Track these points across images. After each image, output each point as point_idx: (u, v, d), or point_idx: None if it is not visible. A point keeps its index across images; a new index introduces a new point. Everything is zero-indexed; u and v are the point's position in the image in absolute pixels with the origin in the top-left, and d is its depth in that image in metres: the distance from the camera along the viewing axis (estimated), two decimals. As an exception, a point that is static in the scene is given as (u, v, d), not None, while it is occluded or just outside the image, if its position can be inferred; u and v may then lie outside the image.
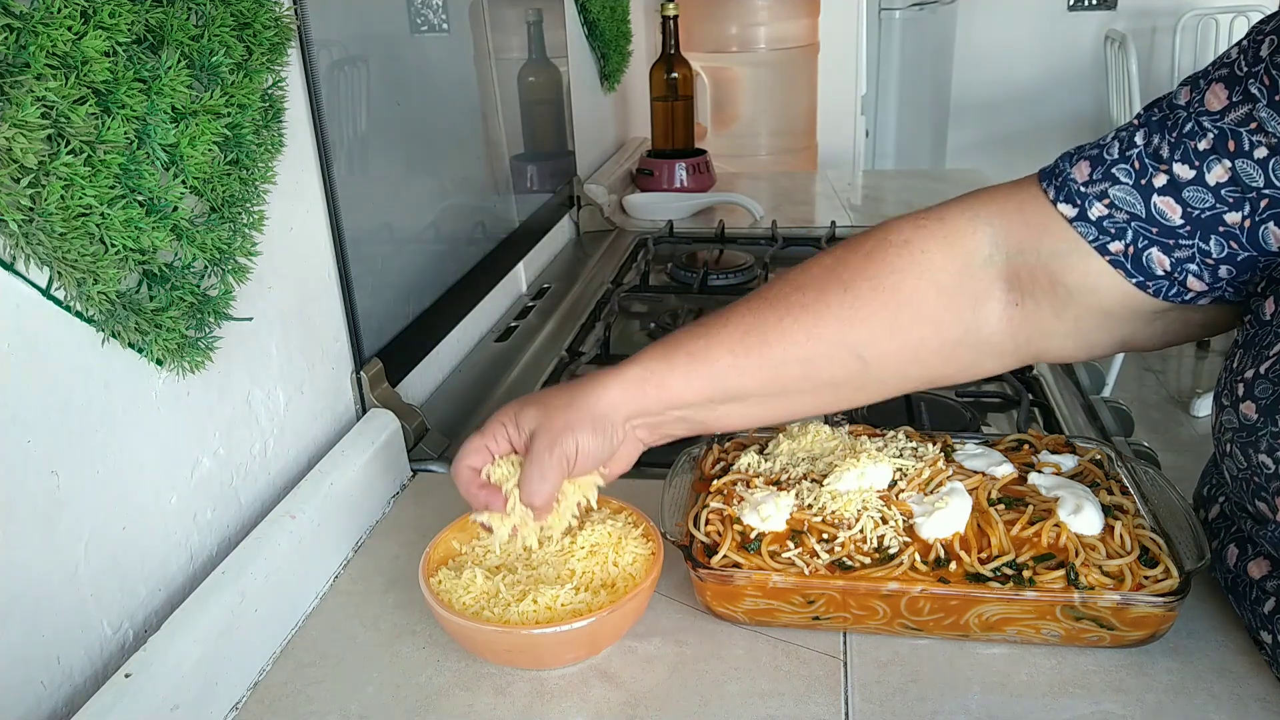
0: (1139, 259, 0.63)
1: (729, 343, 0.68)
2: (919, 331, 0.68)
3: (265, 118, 0.73)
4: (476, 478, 0.70)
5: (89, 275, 0.57)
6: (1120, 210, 0.63)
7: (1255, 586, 0.64)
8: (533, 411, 0.69)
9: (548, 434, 0.67)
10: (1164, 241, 0.62)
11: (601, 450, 0.68)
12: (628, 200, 1.80)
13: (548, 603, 0.66)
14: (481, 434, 0.70)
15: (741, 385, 0.69)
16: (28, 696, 0.57)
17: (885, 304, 0.67)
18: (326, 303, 0.90)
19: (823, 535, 0.68)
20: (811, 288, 0.68)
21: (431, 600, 0.66)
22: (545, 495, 0.67)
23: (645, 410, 0.70)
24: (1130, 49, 3.04)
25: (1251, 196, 0.59)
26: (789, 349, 0.68)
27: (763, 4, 2.33)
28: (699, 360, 0.69)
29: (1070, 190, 0.65)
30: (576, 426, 0.67)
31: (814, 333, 0.67)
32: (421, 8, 1.09)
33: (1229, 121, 0.59)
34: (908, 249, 0.67)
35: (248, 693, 0.67)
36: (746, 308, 0.70)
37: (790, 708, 0.63)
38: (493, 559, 0.71)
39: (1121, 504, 0.69)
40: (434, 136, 1.12)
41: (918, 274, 0.67)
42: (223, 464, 0.75)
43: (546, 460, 0.67)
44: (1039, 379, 1.06)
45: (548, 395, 0.70)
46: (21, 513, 0.56)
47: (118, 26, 0.57)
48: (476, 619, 0.65)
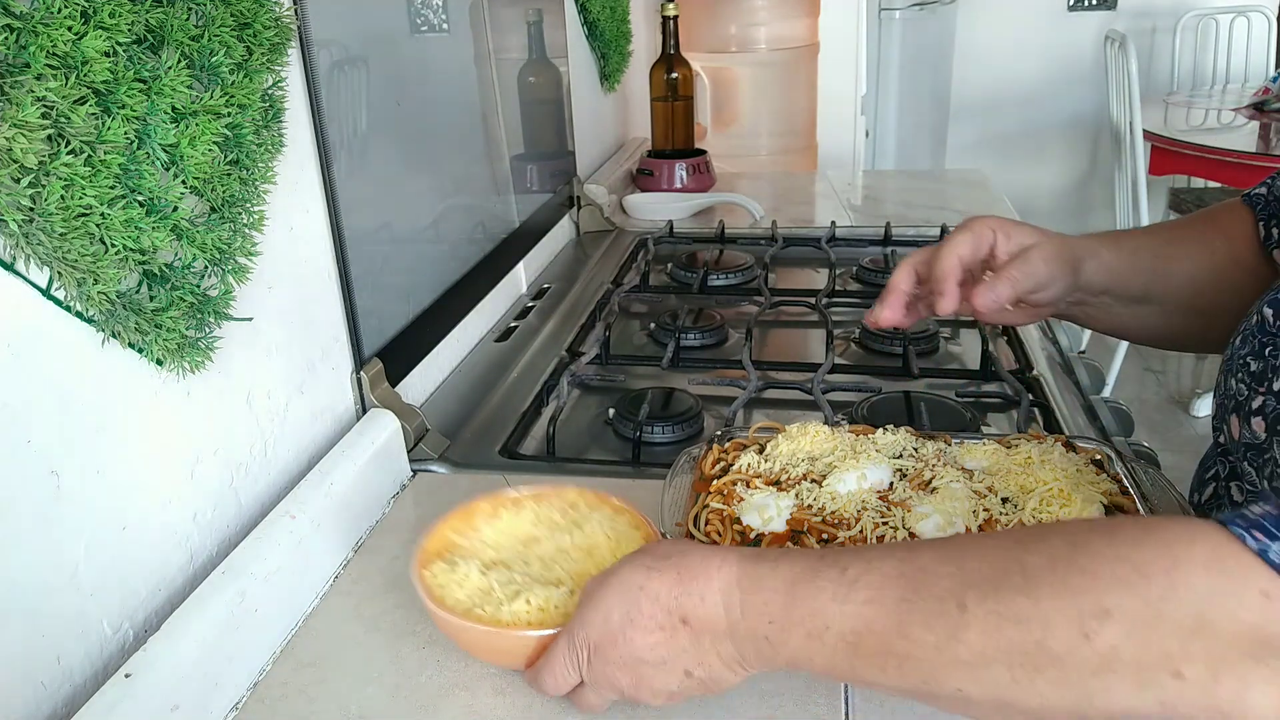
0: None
1: (1155, 248, 0.78)
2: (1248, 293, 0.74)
3: (265, 118, 0.73)
4: (960, 270, 0.77)
5: (89, 275, 0.57)
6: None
7: None
8: (1027, 232, 0.77)
9: (1043, 253, 0.74)
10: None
11: (1061, 290, 0.76)
12: (628, 200, 1.79)
13: (540, 604, 0.64)
14: (967, 229, 0.77)
15: (1161, 289, 0.78)
16: (28, 696, 0.57)
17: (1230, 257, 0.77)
18: (326, 303, 0.90)
19: (823, 535, 0.68)
20: (1198, 222, 0.80)
21: (423, 594, 0.65)
22: (1008, 295, 0.75)
23: (1095, 286, 0.77)
24: (1130, 49, 3.04)
25: None
26: (1196, 267, 0.77)
27: (763, 4, 2.33)
28: (1138, 255, 0.78)
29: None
30: (1064, 266, 0.75)
31: (1208, 263, 0.77)
32: (421, 8, 1.09)
33: None
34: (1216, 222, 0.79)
35: (248, 693, 0.67)
36: (1153, 228, 0.85)
37: (790, 708, 0.63)
38: (490, 554, 0.70)
39: (1121, 504, 0.69)
40: (434, 136, 1.12)
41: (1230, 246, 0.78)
42: (223, 464, 0.75)
43: (1038, 269, 0.74)
44: (1039, 379, 1.06)
45: (1030, 227, 0.78)
46: (21, 513, 0.56)
47: (118, 26, 0.57)
48: (468, 617, 0.63)
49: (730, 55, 2.34)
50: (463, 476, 0.93)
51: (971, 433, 0.86)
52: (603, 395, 1.10)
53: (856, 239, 1.58)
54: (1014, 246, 0.76)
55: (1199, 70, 4.02)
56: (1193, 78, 4.02)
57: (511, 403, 1.08)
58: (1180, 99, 3.69)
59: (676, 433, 0.99)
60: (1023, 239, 0.76)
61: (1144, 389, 3.26)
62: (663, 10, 1.80)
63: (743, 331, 1.18)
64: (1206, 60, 4.01)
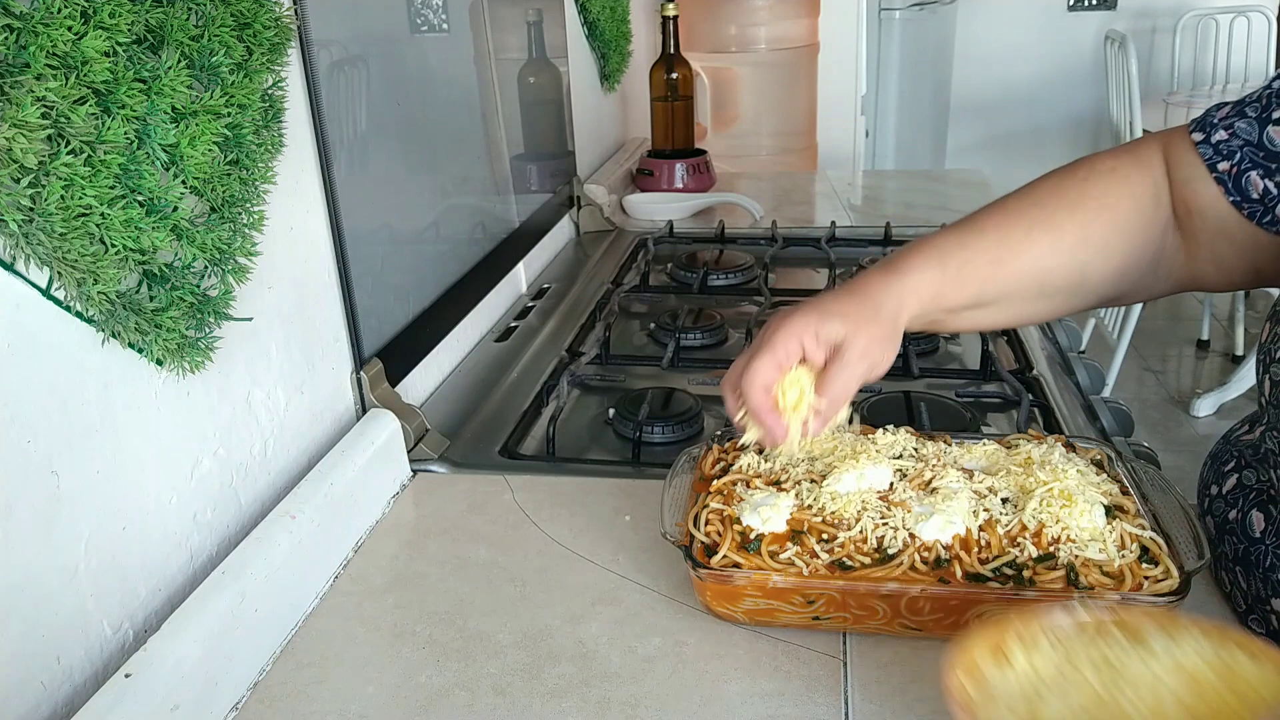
0: (1239, 180, 0.68)
1: (989, 253, 0.73)
2: (1129, 253, 0.73)
3: (265, 118, 0.73)
4: (770, 399, 0.70)
5: (89, 275, 0.57)
6: (1238, 137, 0.69)
7: (1271, 553, 0.64)
8: (836, 325, 0.70)
9: (859, 346, 0.70)
10: (1266, 165, 0.67)
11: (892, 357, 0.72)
12: (628, 200, 1.79)
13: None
14: (770, 350, 0.70)
15: (994, 292, 0.74)
16: (28, 696, 0.57)
17: (1107, 223, 0.73)
18: (326, 303, 0.90)
19: (822, 535, 0.68)
20: (1047, 204, 0.74)
21: None
22: (845, 401, 0.71)
23: (919, 316, 0.74)
24: (1130, 49, 3.04)
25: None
26: (1035, 260, 0.73)
27: (763, 4, 2.33)
28: (966, 270, 0.73)
29: (1205, 122, 0.72)
30: (884, 339, 0.71)
31: (1055, 246, 0.73)
32: (421, 8, 1.09)
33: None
34: (1116, 175, 0.73)
35: (248, 693, 0.67)
36: (991, 221, 0.74)
37: (790, 708, 0.63)
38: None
39: (1121, 504, 0.69)
40: (434, 136, 1.12)
41: (1128, 197, 0.73)
42: (223, 464, 0.75)
43: (860, 370, 0.70)
44: (1039, 379, 1.06)
45: (842, 305, 0.71)
46: (21, 513, 0.56)
47: (118, 26, 0.57)
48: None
49: (730, 55, 2.34)
50: (463, 477, 0.93)
51: (971, 433, 0.86)
52: (603, 395, 1.10)
53: (856, 239, 1.58)
54: (824, 350, 0.70)
55: (1199, 70, 4.02)
56: (1193, 78, 4.02)
57: (511, 403, 1.08)
58: (1180, 99, 3.69)
59: (676, 433, 0.99)
60: (832, 334, 0.69)
61: (1144, 389, 3.25)
62: (663, 10, 1.80)
63: (743, 331, 1.18)
64: (1206, 60, 4.02)
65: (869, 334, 0.70)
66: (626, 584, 0.76)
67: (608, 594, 0.75)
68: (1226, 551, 0.69)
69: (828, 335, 0.70)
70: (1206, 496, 0.73)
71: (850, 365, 0.69)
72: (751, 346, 0.72)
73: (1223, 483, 0.72)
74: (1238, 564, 0.68)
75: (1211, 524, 0.71)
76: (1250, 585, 0.66)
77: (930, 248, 0.74)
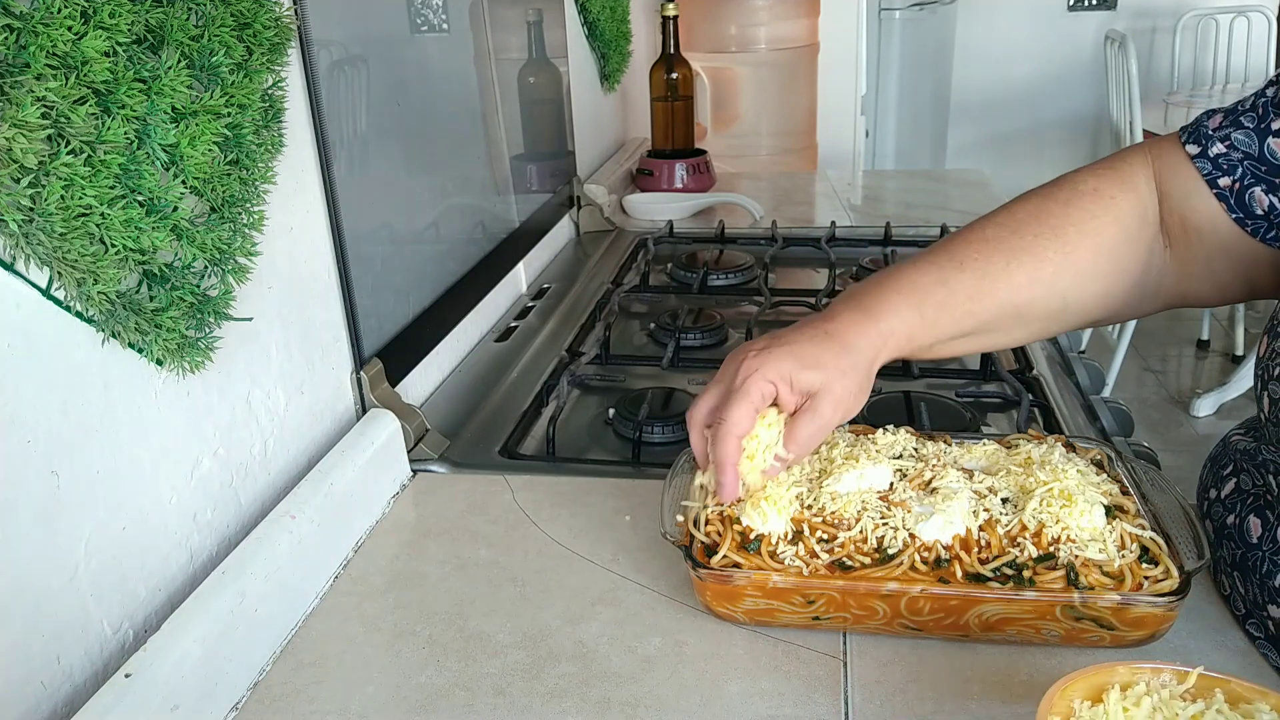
0: (1242, 195, 0.67)
1: (967, 287, 0.72)
2: (1113, 276, 0.72)
3: (265, 118, 0.73)
4: (740, 451, 0.69)
5: (89, 275, 0.57)
6: (1237, 150, 0.68)
7: (1268, 560, 0.64)
8: (813, 376, 0.69)
9: (833, 397, 0.69)
10: (1270, 180, 0.66)
11: (862, 403, 0.72)
12: (628, 200, 1.79)
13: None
14: (747, 398, 0.68)
15: (971, 325, 0.73)
16: (28, 696, 0.57)
17: (1089, 250, 0.71)
18: (326, 303, 0.90)
19: (822, 535, 0.68)
20: (1027, 232, 0.72)
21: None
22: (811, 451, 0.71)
23: (894, 356, 0.73)
24: (1130, 49, 3.04)
25: None
26: (1014, 292, 0.72)
27: (763, 4, 2.33)
28: (944, 309, 0.72)
29: (1199, 133, 0.70)
30: (858, 391, 0.70)
31: (1035, 277, 0.72)
32: (421, 8, 1.09)
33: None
34: (1100, 197, 0.72)
35: (248, 693, 0.67)
36: (971, 252, 0.73)
37: (790, 708, 0.63)
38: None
39: (1121, 504, 0.69)
40: (434, 136, 1.12)
41: (1112, 220, 0.71)
42: (223, 464, 0.75)
43: (832, 422, 0.69)
44: (1039, 379, 1.06)
45: (818, 352, 0.70)
46: (21, 513, 0.56)
47: (118, 26, 0.57)
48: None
49: (730, 55, 2.34)
50: (463, 477, 0.94)
51: (971, 433, 0.86)
52: (602, 395, 1.10)
53: (856, 239, 1.58)
54: (798, 396, 0.69)
55: (1199, 70, 4.03)
56: (1192, 78, 4.02)
57: (511, 403, 1.08)
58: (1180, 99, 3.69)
59: (676, 433, 0.99)
60: (808, 385, 0.69)
61: (1144, 389, 3.26)
62: (662, 10, 1.80)
63: (742, 331, 1.18)
64: (1206, 60, 4.02)
65: (844, 385, 0.69)
66: (626, 584, 0.76)
67: (608, 594, 0.75)
68: (1224, 556, 0.69)
69: (803, 385, 0.69)
70: (1205, 500, 0.73)
71: (822, 417, 0.69)
72: (722, 384, 0.71)
73: (1221, 487, 0.72)
74: (1235, 569, 0.68)
75: (1210, 528, 0.71)
76: (1248, 590, 0.66)
77: (908, 284, 0.72)
